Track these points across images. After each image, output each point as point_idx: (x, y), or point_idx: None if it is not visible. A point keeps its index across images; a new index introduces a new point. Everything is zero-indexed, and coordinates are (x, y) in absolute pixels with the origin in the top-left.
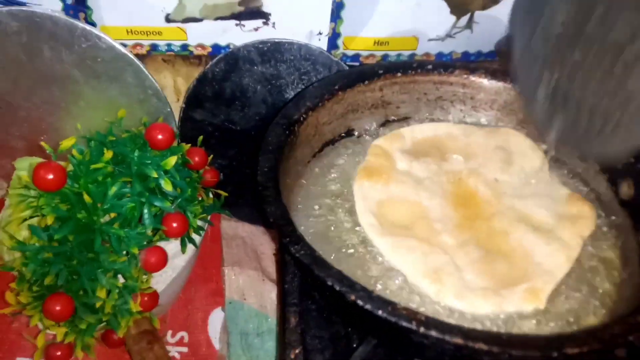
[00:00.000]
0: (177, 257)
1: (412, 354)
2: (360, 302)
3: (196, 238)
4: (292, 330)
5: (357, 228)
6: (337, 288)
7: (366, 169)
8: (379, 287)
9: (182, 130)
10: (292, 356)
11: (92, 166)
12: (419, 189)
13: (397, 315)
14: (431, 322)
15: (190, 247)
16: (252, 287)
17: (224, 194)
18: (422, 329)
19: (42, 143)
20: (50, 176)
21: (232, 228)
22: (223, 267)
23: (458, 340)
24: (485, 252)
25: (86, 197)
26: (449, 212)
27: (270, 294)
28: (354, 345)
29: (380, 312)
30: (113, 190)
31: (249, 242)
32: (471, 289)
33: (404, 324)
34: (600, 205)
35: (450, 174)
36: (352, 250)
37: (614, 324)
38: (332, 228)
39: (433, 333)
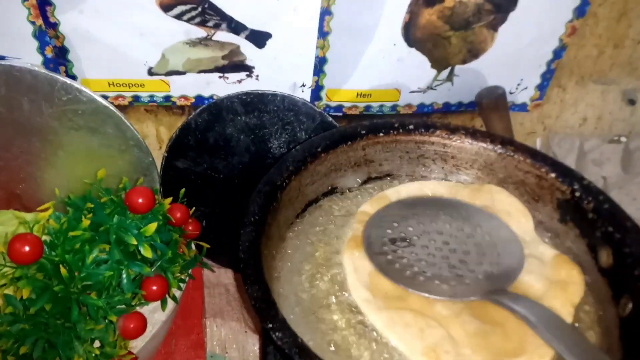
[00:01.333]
0: (157, 312)
1: None
2: None
3: (177, 293)
4: None
5: (346, 297)
6: None
7: (355, 239)
8: None
9: (164, 178)
10: None
11: (70, 233)
12: None
13: None
14: None
15: (170, 303)
16: (234, 340)
17: (206, 245)
18: None
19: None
20: (27, 248)
21: (215, 276)
22: (204, 319)
23: None
24: (480, 323)
25: (62, 270)
26: None
27: (253, 346)
28: None
29: None
30: (91, 258)
31: (231, 290)
32: None
33: None
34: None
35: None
36: (343, 326)
37: None
38: (320, 298)
39: None
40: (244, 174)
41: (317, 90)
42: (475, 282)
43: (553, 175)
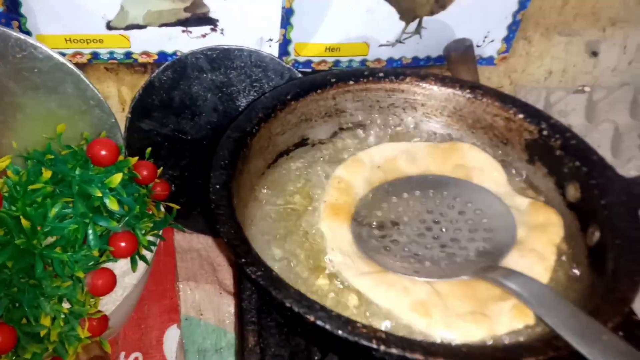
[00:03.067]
0: (128, 275)
1: None
2: (319, 323)
3: (147, 254)
4: (250, 351)
5: (326, 255)
6: (296, 309)
7: (331, 206)
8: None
9: (129, 141)
10: None
11: (30, 187)
12: None
13: (357, 335)
14: (391, 340)
15: (141, 264)
16: (209, 302)
17: (175, 207)
18: (382, 347)
19: None
20: None
21: (186, 241)
22: (177, 283)
23: (418, 357)
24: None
25: (24, 222)
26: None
27: (228, 307)
28: (315, 359)
29: (340, 332)
30: (53, 211)
31: (204, 255)
32: (459, 315)
33: (365, 342)
34: None
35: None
36: (320, 287)
37: None
38: (294, 254)
39: (393, 350)
40: (212, 134)
41: (284, 44)
42: (466, 260)
43: (521, 116)
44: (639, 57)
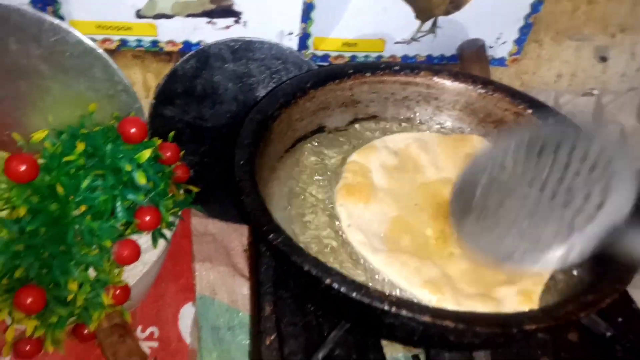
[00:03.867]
0: (148, 252)
1: (384, 335)
2: (335, 286)
3: (167, 233)
4: (267, 318)
5: (338, 232)
6: (314, 273)
7: (346, 188)
8: None
9: (152, 126)
10: (268, 342)
11: (65, 159)
12: (399, 205)
13: (371, 297)
14: (402, 303)
15: (161, 243)
16: (223, 283)
17: (195, 189)
18: (393, 309)
19: (14, 134)
20: (23, 167)
21: (203, 225)
22: (193, 263)
23: (427, 319)
24: (472, 260)
25: (59, 189)
26: (430, 224)
27: (241, 289)
28: (325, 334)
29: (354, 294)
30: (85, 182)
31: (219, 239)
32: (468, 296)
33: (377, 304)
34: None
35: (425, 186)
36: (338, 254)
37: (566, 303)
38: (310, 230)
39: (404, 312)
40: (231, 123)
41: (304, 38)
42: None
43: (530, 111)
44: None
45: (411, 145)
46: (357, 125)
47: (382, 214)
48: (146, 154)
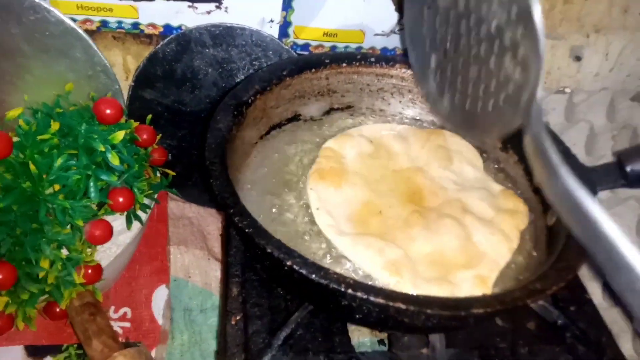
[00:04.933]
0: (122, 233)
1: (343, 318)
2: (296, 267)
3: (142, 216)
4: (233, 299)
5: (308, 220)
6: (276, 255)
7: (319, 172)
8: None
9: (130, 109)
10: (233, 322)
11: (39, 137)
12: (370, 189)
13: (329, 279)
14: (358, 285)
15: (135, 225)
16: (197, 266)
17: (171, 173)
18: (350, 291)
19: None
20: None
21: (179, 208)
22: (169, 246)
23: (380, 300)
24: (435, 243)
25: (32, 167)
26: (399, 209)
27: (215, 272)
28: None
29: (314, 276)
30: (59, 161)
31: (195, 223)
32: (426, 278)
33: (335, 286)
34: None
35: (397, 173)
36: (306, 237)
37: (515, 290)
38: (281, 214)
39: (359, 294)
40: (210, 108)
41: (284, 26)
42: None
43: None
44: (620, 65)
45: (386, 135)
46: (332, 115)
47: (353, 197)
48: (120, 135)
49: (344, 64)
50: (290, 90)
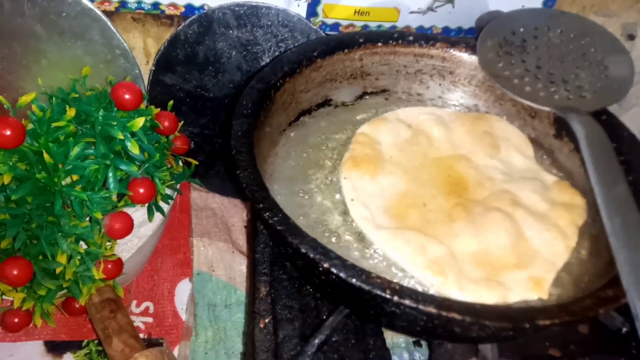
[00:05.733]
0: (144, 225)
1: (384, 324)
2: (334, 270)
3: (164, 207)
4: (262, 300)
5: (341, 212)
6: (311, 255)
7: (353, 159)
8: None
9: (151, 94)
10: (262, 325)
11: (53, 124)
12: (408, 178)
13: (372, 284)
14: (405, 291)
15: (157, 216)
16: (221, 259)
17: (194, 162)
18: (395, 298)
19: (0, 97)
20: (8, 132)
21: (203, 199)
22: (191, 238)
23: (431, 310)
24: (481, 239)
25: (46, 157)
26: (440, 201)
27: (240, 266)
28: (324, 317)
29: (354, 281)
30: (75, 150)
31: (219, 214)
32: (473, 279)
33: (378, 292)
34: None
35: (438, 161)
36: (340, 232)
37: (585, 298)
38: (312, 207)
39: (407, 302)
40: (234, 93)
41: (313, 4)
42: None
43: None
44: None
45: (425, 119)
46: (365, 100)
47: (390, 187)
48: (139, 122)
49: (380, 44)
50: (321, 73)
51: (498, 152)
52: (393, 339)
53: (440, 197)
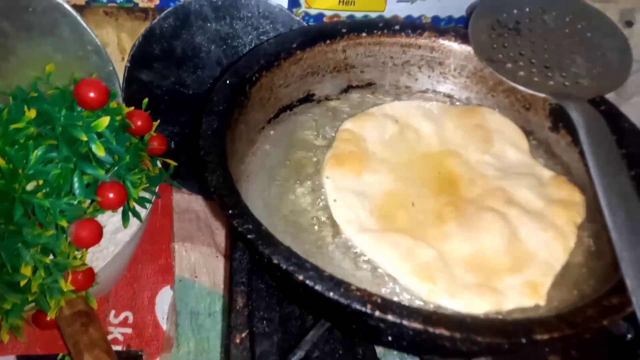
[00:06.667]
0: (120, 231)
1: (368, 339)
2: (309, 283)
3: (141, 211)
4: (238, 313)
5: (326, 216)
6: (284, 267)
7: (336, 157)
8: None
9: (127, 92)
10: (238, 341)
11: (12, 126)
12: (395, 176)
13: (350, 298)
14: (388, 305)
15: (134, 222)
16: (204, 264)
17: (173, 163)
18: (377, 313)
19: None
20: None
21: (185, 201)
22: (173, 243)
23: (417, 325)
24: (474, 242)
25: (2, 162)
26: (430, 200)
27: (224, 271)
28: (309, 327)
29: (331, 294)
30: (36, 154)
31: (202, 217)
32: (465, 286)
33: (358, 307)
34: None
35: (427, 157)
36: (320, 243)
37: (587, 307)
38: (295, 211)
39: (389, 317)
40: None
41: None
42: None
43: None
44: None
45: (413, 113)
46: (350, 94)
47: (376, 186)
48: (104, 121)
49: (364, 34)
50: (302, 66)
51: (491, 146)
52: (383, 348)
53: (429, 197)
